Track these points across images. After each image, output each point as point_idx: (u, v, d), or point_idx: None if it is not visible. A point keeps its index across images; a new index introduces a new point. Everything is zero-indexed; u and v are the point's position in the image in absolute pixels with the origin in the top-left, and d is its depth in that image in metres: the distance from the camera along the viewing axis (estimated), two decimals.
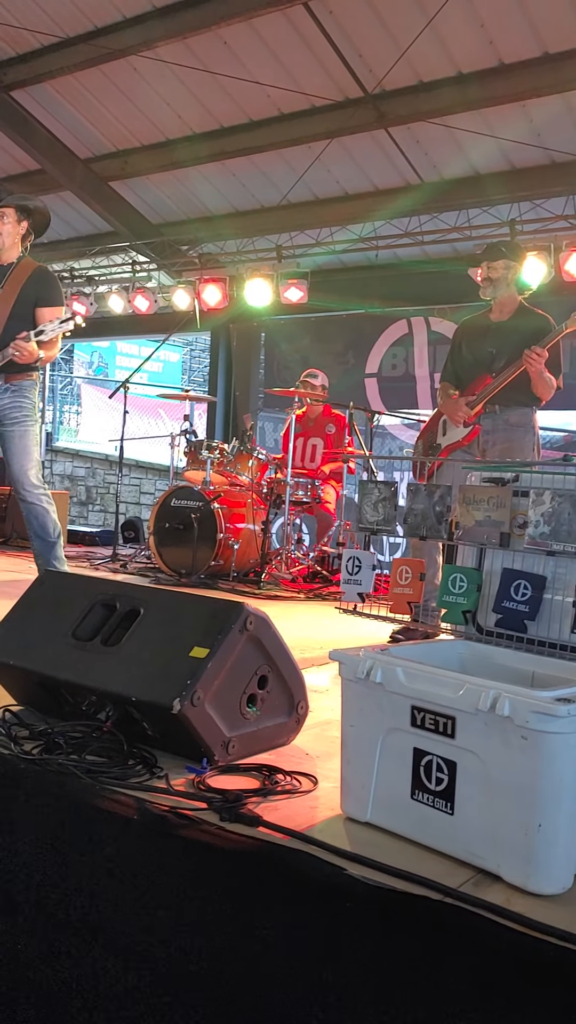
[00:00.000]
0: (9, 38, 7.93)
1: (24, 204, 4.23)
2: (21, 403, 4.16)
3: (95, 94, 8.31)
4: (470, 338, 4.53)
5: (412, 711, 1.81)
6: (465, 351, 4.50)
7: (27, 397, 4.18)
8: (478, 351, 4.41)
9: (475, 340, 4.48)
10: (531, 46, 6.28)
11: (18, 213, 4.21)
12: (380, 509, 2.72)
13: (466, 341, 4.54)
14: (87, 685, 2.35)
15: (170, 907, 1.76)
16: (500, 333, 4.37)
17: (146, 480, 11.76)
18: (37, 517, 4.19)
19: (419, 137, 7.37)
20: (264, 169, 8.45)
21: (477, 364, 4.40)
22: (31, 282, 4.14)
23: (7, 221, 4.18)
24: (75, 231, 10.51)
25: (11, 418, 4.15)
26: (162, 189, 9.33)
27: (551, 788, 1.62)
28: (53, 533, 4.22)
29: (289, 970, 1.59)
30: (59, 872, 1.92)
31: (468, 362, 4.46)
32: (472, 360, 4.44)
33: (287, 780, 2.16)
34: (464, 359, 4.49)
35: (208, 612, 2.36)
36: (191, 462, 6.52)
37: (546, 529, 2.23)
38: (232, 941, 1.67)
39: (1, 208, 4.18)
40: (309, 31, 6.69)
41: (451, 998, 1.44)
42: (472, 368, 4.43)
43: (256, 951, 1.64)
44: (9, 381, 4.13)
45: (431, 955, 1.48)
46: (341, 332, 9.31)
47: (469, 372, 4.44)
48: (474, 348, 4.45)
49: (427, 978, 1.47)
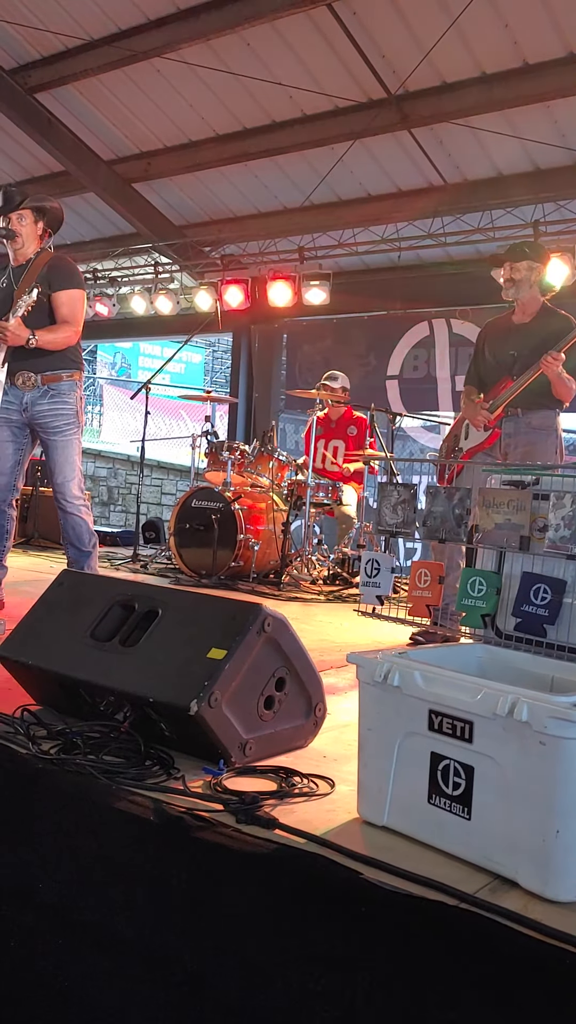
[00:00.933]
0: (34, 40, 7.99)
1: (40, 205, 4.24)
2: (61, 410, 4.11)
3: (119, 96, 8.35)
4: (492, 340, 4.50)
5: (430, 715, 1.80)
6: (487, 353, 4.48)
7: (67, 403, 4.13)
8: (500, 353, 4.39)
9: (497, 342, 4.45)
10: (555, 46, 6.25)
11: (35, 214, 4.22)
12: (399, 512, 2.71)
13: (488, 343, 4.52)
14: (105, 685, 2.35)
15: (185, 910, 1.76)
16: (521, 335, 4.34)
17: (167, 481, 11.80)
18: (75, 527, 4.18)
19: (442, 138, 7.36)
20: (287, 170, 8.45)
21: (498, 366, 4.37)
22: (46, 270, 4.13)
23: (25, 223, 4.19)
24: (98, 232, 10.57)
25: (53, 427, 4.11)
26: (185, 190, 9.36)
27: (570, 794, 1.61)
28: (88, 543, 4.21)
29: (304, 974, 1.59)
30: (75, 873, 1.93)
31: (490, 364, 4.44)
32: (494, 362, 4.41)
33: (304, 783, 2.15)
34: (486, 362, 4.47)
35: (226, 613, 2.36)
36: (212, 463, 6.52)
37: (566, 532, 2.21)
38: (247, 944, 1.66)
39: (20, 211, 4.20)
40: (332, 32, 6.69)
41: (467, 1005, 1.43)
42: (494, 370, 4.40)
43: (271, 955, 1.63)
44: (46, 383, 4.08)
45: (447, 961, 1.47)
46: (363, 334, 9.29)
47: (491, 374, 4.42)
48: (496, 350, 4.43)
49: (442, 984, 1.45)
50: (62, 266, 4.22)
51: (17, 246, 4.19)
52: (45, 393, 4.09)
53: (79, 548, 4.20)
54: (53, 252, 4.30)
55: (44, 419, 4.11)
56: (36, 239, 4.23)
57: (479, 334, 4.75)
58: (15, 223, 4.16)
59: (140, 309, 9.92)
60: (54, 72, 8.15)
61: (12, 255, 4.23)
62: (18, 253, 4.21)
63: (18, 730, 2.30)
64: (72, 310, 4.14)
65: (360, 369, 9.04)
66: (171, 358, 8.56)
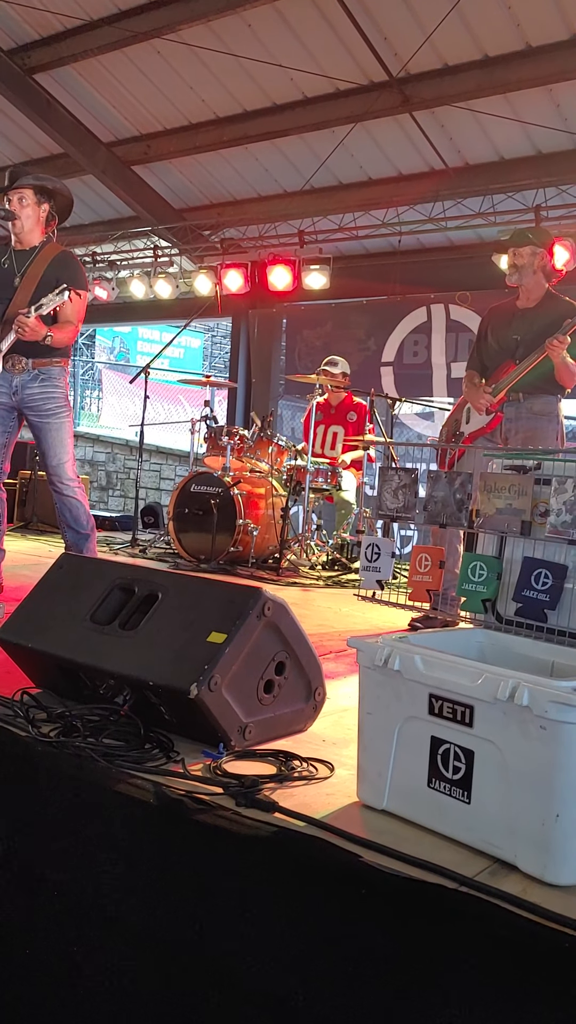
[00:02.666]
0: (33, 21, 7.93)
1: (42, 185, 4.14)
2: (52, 393, 4.10)
3: (118, 77, 8.29)
4: (496, 325, 4.48)
5: (430, 699, 1.80)
6: (491, 338, 4.46)
7: (57, 387, 4.12)
8: (503, 338, 4.37)
9: (501, 327, 4.43)
10: (558, 29, 6.20)
11: (37, 194, 4.11)
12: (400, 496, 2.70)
13: (492, 328, 4.49)
14: (105, 669, 2.35)
15: (185, 892, 1.76)
16: (526, 320, 4.32)
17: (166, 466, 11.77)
18: (72, 509, 4.16)
19: (444, 121, 7.31)
20: (287, 154, 8.40)
21: (501, 351, 4.36)
22: (53, 266, 4.07)
23: (26, 203, 4.09)
24: (97, 215, 10.51)
25: (45, 410, 4.10)
26: (185, 173, 9.30)
27: (570, 778, 1.61)
28: (86, 525, 4.20)
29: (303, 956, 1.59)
30: (75, 856, 1.93)
31: (493, 349, 4.42)
32: (497, 347, 4.40)
33: (304, 766, 2.16)
34: (489, 346, 4.45)
35: (226, 597, 2.35)
36: (211, 448, 6.51)
37: (568, 518, 2.21)
38: (246, 927, 1.67)
39: (19, 189, 4.08)
40: (334, 14, 6.64)
41: (466, 987, 1.43)
42: (497, 355, 4.39)
43: (272, 937, 1.64)
44: (37, 367, 4.06)
45: (446, 944, 1.47)
46: (363, 319, 9.26)
47: (494, 359, 4.40)
48: (499, 335, 4.41)
49: (442, 967, 1.46)
50: (72, 265, 4.17)
51: (17, 229, 4.11)
52: (36, 377, 4.07)
53: (77, 531, 4.19)
54: (60, 245, 4.23)
55: (35, 402, 4.09)
56: (39, 223, 4.15)
57: (482, 319, 4.72)
58: (15, 203, 4.09)
59: (139, 293, 9.88)
60: (53, 53, 8.09)
61: (14, 237, 4.16)
62: (20, 236, 4.13)
63: (18, 713, 2.30)
64: (77, 311, 4.12)
65: (360, 354, 9.01)
66: (170, 342, 8.55)
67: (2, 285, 4.07)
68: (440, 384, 8.55)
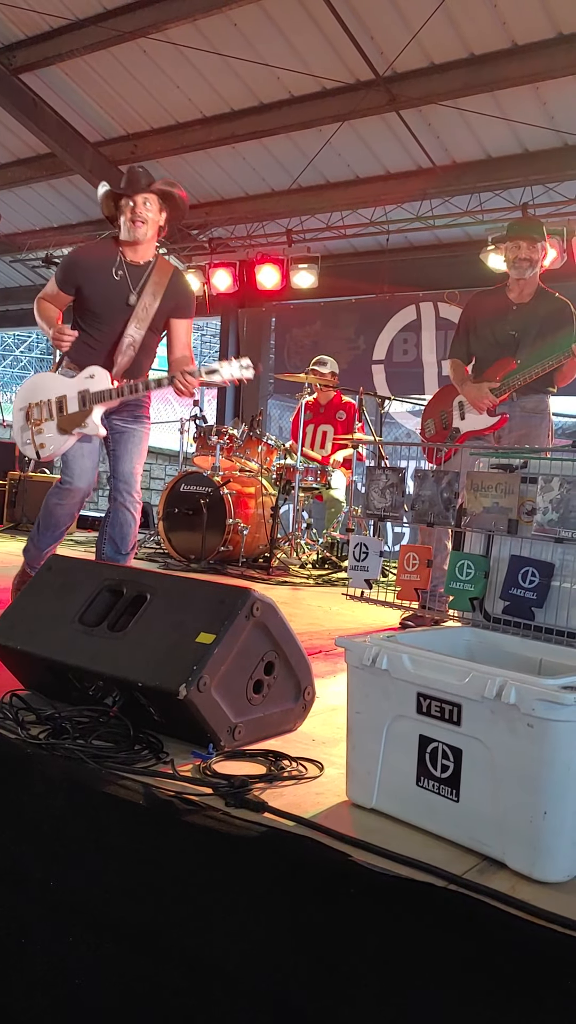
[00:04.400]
0: (19, 20, 7.90)
1: (169, 191, 3.67)
2: (143, 401, 3.85)
3: (105, 77, 8.27)
4: (489, 318, 4.39)
5: (418, 698, 1.81)
6: (485, 330, 4.37)
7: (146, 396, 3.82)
8: (499, 332, 4.29)
9: (495, 321, 4.34)
10: (545, 27, 6.21)
11: (161, 201, 3.65)
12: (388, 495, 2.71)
13: (484, 320, 4.40)
14: (94, 670, 2.35)
15: (175, 893, 1.77)
16: (522, 315, 4.26)
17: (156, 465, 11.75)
18: (124, 524, 3.79)
19: (431, 120, 7.32)
20: (274, 152, 8.40)
21: (498, 346, 4.29)
22: (170, 294, 3.72)
23: (150, 208, 3.62)
24: (85, 215, 10.48)
25: (134, 415, 3.85)
26: (172, 173, 9.27)
27: (557, 776, 1.62)
28: (130, 546, 3.82)
29: (294, 956, 1.60)
30: (64, 857, 1.93)
31: (488, 343, 4.34)
32: (493, 341, 4.32)
33: (293, 766, 2.16)
34: (483, 339, 4.37)
35: (215, 598, 2.36)
36: (200, 447, 6.51)
37: (554, 516, 2.22)
38: (237, 927, 1.67)
39: (147, 193, 3.61)
40: (320, 12, 6.64)
41: (455, 985, 1.44)
42: (493, 349, 4.31)
43: (261, 937, 1.64)
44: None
45: (435, 942, 1.48)
46: (352, 317, 9.27)
47: (489, 353, 4.33)
48: (495, 329, 4.32)
49: (431, 965, 1.46)
50: (186, 291, 3.87)
51: (140, 236, 3.63)
52: None
53: (121, 551, 3.80)
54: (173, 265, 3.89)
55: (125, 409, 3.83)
56: (154, 235, 3.71)
57: (467, 307, 4.62)
58: (140, 207, 3.60)
59: None
60: (39, 52, 8.06)
61: (126, 249, 3.69)
62: (137, 248, 3.68)
63: (7, 715, 2.29)
64: (190, 338, 3.89)
65: (349, 353, 9.02)
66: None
67: (114, 302, 3.68)
68: (431, 381, 8.57)
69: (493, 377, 4.24)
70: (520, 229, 4.36)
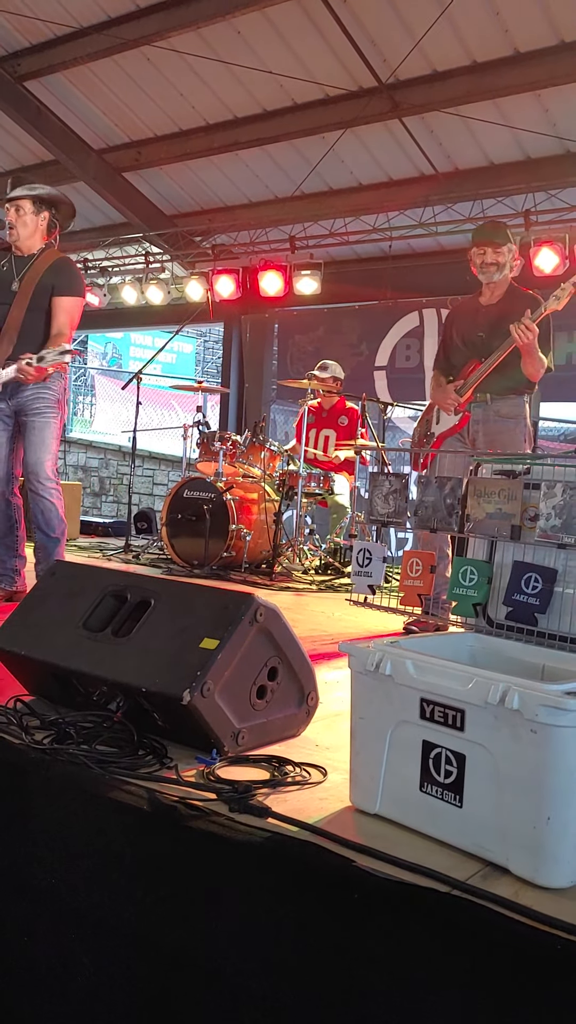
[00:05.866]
0: (23, 28, 7.94)
1: (36, 195, 4.13)
2: (44, 394, 4.08)
3: (109, 85, 8.30)
4: (460, 324, 4.44)
5: (421, 703, 1.81)
6: (455, 336, 4.43)
7: (50, 388, 4.09)
8: (468, 336, 4.34)
9: (465, 325, 4.39)
10: (547, 34, 6.24)
11: (34, 204, 4.11)
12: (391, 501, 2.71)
13: (457, 327, 4.46)
14: (98, 675, 2.35)
15: (179, 898, 1.77)
16: (490, 316, 4.29)
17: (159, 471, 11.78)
18: (44, 512, 4.11)
19: (433, 127, 7.35)
20: (278, 160, 8.43)
21: (467, 349, 4.32)
22: (49, 271, 4.06)
23: (23, 213, 4.08)
24: (89, 222, 10.52)
25: (33, 408, 4.08)
26: (176, 180, 9.32)
27: (560, 782, 1.62)
28: (56, 529, 4.15)
29: (298, 962, 1.60)
30: (69, 862, 1.93)
31: (458, 348, 4.39)
32: (462, 345, 4.36)
33: (297, 771, 2.16)
34: (455, 345, 4.42)
35: (219, 603, 2.36)
36: (204, 453, 6.52)
37: (557, 522, 2.22)
38: (240, 932, 1.67)
39: (16, 200, 4.08)
40: (323, 20, 6.67)
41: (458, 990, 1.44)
42: (462, 353, 4.35)
43: (264, 942, 1.64)
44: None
45: (439, 947, 1.48)
46: (354, 323, 9.28)
47: (459, 357, 4.37)
48: (464, 333, 4.37)
49: (435, 970, 1.47)
50: (66, 270, 4.15)
51: (14, 238, 4.10)
52: None
53: (47, 534, 4.13)
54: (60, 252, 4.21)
55: (26, 402, 4.07)
56: (38, 231, 4.14)
57: (446, 318, 4.68)
58: (12, 214, 4.08)
59: (131, 299, 9.89)
60: (43, 60, 8.10)
61: (15, 247, 4.16)
62: (19, 245, 4.13)
63: (11, 720, 2.30)
64: (70, 318, 4.09)
65: (352, 359, 9.03)
66: (162, 348, 8.55)
67: (3, 290, 4.06)
68: None
69: (463, 379, 4.28)
70: (484, 234, 4.36)
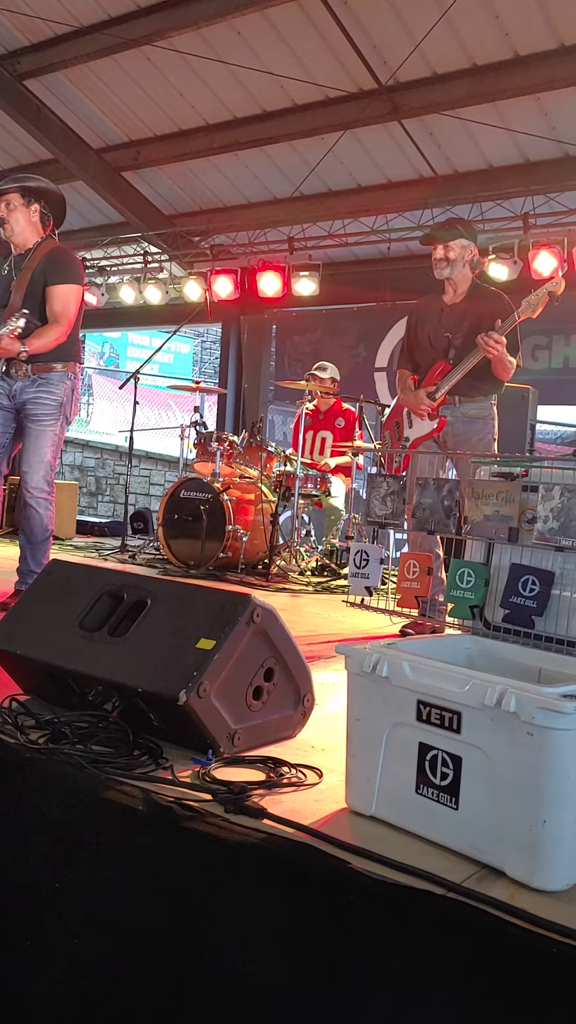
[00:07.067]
0: (23, 27, 7.93)
1: (25, 186, 4.06)
2: (45, 399, 4.02)
3: (108, 84, 8.30)
4: (425, 321, 4.45)
5: (418, 705, 1.81)
6: (420, 335, 4.44)
7: (52, 393, 4.02)
8: (434, 335, 4.35)
9: (430, 323, 4.40)
10: (547, 38, 6.24)
11: (23, 196, 4.05)
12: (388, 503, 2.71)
13: (420, 325, 4.47)
14: (93, 675, 2.35)
15: (174, 898, 1.76)
16: (455, 315, 4.31)
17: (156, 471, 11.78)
18: (29, 518, 4.08)
19: (432, 129, 7.35)
20: (277, 160, 8.43)
21: (433, 349, 4.34)
22: (43, 263, 4.01)
23: (13, 207, 4.03)
24: (87, 221, 10.52)
25: (32, 415, 4.02)
26: (175, 180, 9.32)
27: (557, 784, 1.62)
28: (38, 537, 4.12)
29: (293, 963, 1.60)
30: (64, 862, 1.93)
31: (424, 347, 4.40)
32: (428, 345, 4.38)
33: (292, 773, 2.16)
34: (420, 344, 4.43)
35: (215, 604, 2.36)
36: (201, 454, 6.52)
37: (555, 524, 2.22)
38: (236, 933, 1.67)
39: (3, 195, 4.02)
40: (323, 22, 6.67)
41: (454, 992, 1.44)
42: (428, 353, 4.37)
43: (260, 943, 1.64)
44: (36, 372, 4.00)
45: (434, 949, 1.48)
46: (353, 325, 9.29)
47: (425, 357, 4.39)
48: (431, 331, 4.38)
49: (430, 972, 1.46)
50: (60, 258, 4.09)
51: (8, 233, 4.07)
52: (34, 382, 4.01)
53: (29, 539, 4.12)
54: (56, 243, 4.18)
55: (28, 406, 4.04)
56: (31, 224, 4.09)
57: (410, 316, 4.68)
58: (2, 209, 4.04)
59: (129, 299, 9.88)
60: (43, 59, 8.10)
61: (12, 244, 4.12)
62: (14, 240, 4.09)
63: (6, 720, 2.29)
64: (63, 307, 4.00)
65: (350, 360, 9.04)
66: (160, 348, 8.55)
67: (3, 291, 4.04)
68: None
69: (430, 381, 4.30)
70: (432, 233, 4.47)
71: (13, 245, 4.12)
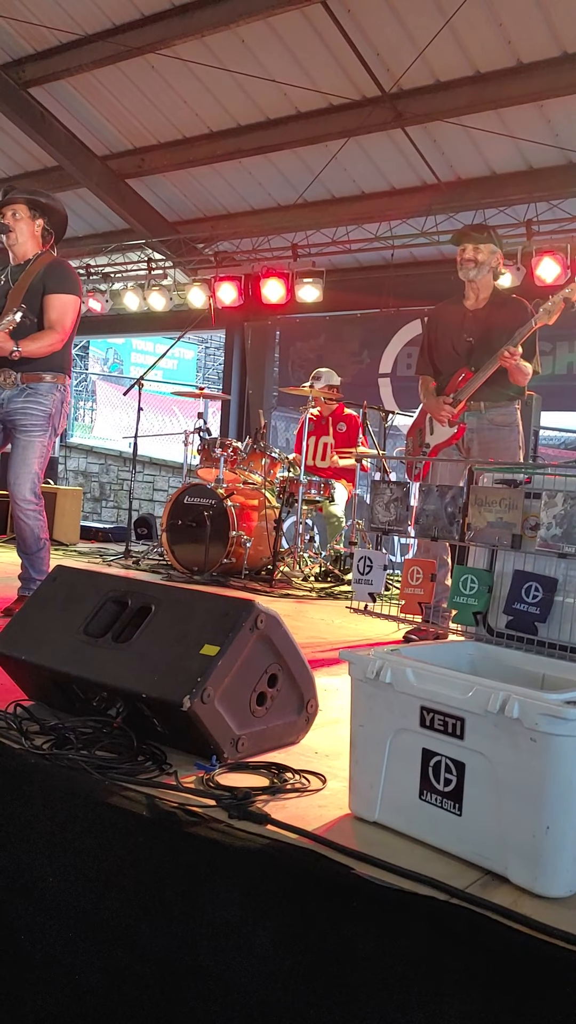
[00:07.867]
0: (28, 35, 7.97)
1: (35, 199, 4.14)
2: (33, 410, 4.00)
3: (113, 91, 8.33)
4: (446, 327, 4.45)
5: (421, 712, 1.81)
6: (445, 342, 4.44)
7: (40, 404, 4.00)
8: (456, 341, 4.35)
9: (452, 329, 4.41)
10: (549, 46, 6.26)
11: (30, 209, 4.12)
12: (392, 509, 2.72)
13: (442, 330, 4.47)
14: (98, 681, 2.36)
15: (177, 904, 1.77)
16: (477, 321, 4.31)
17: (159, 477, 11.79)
18: (20, 531, 4.11)
19: (436, 136, 7.37)
20: (280, 167, 8.46)
21: (456, 355, 4.34)
22: (42, 273, 4.04)
23: (19, 217, 4.10)
24: (91, 228, 10.55)
25: (21, 425, 4.01)
26: (179, 187, 9.35)
27: (560, 791, 1.62)
28: (33, 547, 4.12)
29: (296, 968, 1.60)
30: (68, 867, 1.93)
31: (447, 353, 4.40)
32: (451, 351, 4.38)
33: (296, 779, 2.16)
34: (443, 350, 4.43)
35: (219, 610, 2.36)
36: (204, 460, 6.53)
37: (558, 531, 2.23)
38: (239, 938, 1.67)
39: (12, 204, 4.10)
40: (327, 29, 6.69)
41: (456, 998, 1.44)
42: (451, 359, 4.37)
43: (263, 949, 1.64)
44: (25, 381, 3.99)
45: (437, 956, 1.48)
46: (356, 331, 9.31)
47: (448, 363, 4.39)
48: (452, 337, 4.38)
49: (432, 979, 1.47)
50: (58, 269, 4.11)
51: (11, 241, 4.11)
52: (23, 391, 3.99)
53: (23, 550, 4.15)
54: (55, 256, 4.20)
55: (15, 416, 4.01)
56: (34, 237, 4.14)
57: (429, 319, 4.69)
58: (8, 218, 4.09)
59: (133, 305, 9.91)
60: (48, 67, 8.13)
61: (11, 253, 4.16)
62: (15, 250, 4.13)
63: (11, 725, 2.30)
64: (60, 316, 4.00)
65: (354, 366, 9.05)
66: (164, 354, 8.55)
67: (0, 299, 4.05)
68: None
69: (452, 388, 4.29)
70: (464, 232, 4.49)
71: (12, 255, 4.16)
